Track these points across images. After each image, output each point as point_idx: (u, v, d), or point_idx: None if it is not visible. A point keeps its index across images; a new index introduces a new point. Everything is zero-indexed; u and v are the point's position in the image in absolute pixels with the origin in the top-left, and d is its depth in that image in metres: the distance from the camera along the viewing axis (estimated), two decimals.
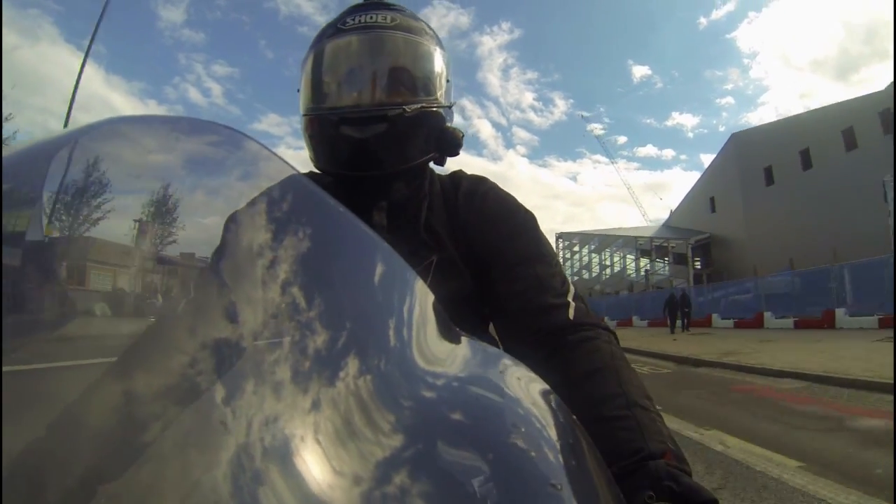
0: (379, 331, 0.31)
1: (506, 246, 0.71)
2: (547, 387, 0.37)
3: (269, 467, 0.20)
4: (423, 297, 0.37)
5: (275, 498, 0.19)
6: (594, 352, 0.61)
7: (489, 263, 0.71)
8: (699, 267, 32.11)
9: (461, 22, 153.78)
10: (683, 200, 37.16)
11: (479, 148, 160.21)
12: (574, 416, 0.37)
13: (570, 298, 0.67)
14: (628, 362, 0.61)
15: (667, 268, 34.38)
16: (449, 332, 0.38)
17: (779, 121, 26.78)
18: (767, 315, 15.38)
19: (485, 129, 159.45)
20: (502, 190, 0.79)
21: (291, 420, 0.23)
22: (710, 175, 32.74)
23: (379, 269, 0.35)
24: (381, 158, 0.68)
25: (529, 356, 0.51)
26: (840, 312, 12.77)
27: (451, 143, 0.75)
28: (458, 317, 0.44)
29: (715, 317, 18.39)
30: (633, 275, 37.07)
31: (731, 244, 29.03)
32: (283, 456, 0.21)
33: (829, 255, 14.92)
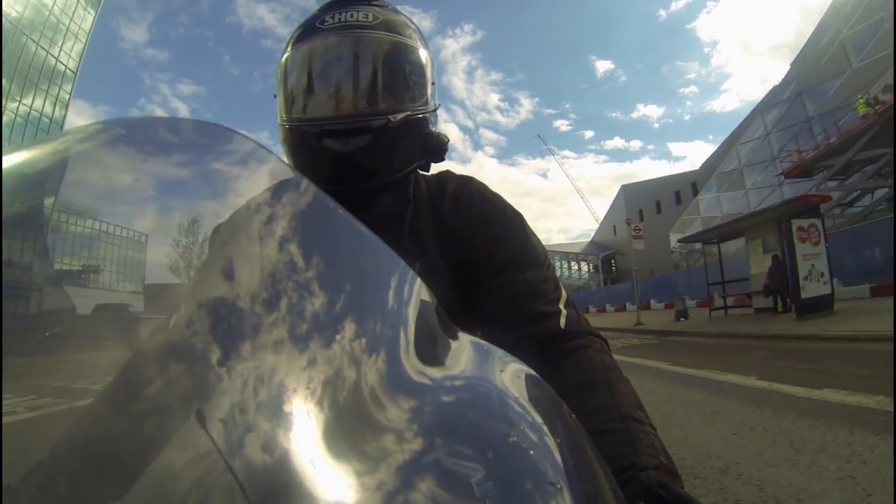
0: (379, 330, 0.31)
1: (494, 249, 0.68)
2: (547, 386, 0.38)
3: (266, 465, 0.20)
4: (423, 298, 0.37)
5: (271, 495, 0.19)
6: (586, 362, 0.59)
7: (478, 268, 0.68)
8: (614, 272, 46.85)
9: (423, 26, 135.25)
10: (601, 223, 52.26)
11: (447, 152, 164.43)
12: (574, 416, 0.38)
13: (561, 306, 0.65)
14: (622, 372, 0.60)
15: (586, 274, 49.42)
16: (449, 331, 0.38)
17: (648, 180, 42.59)
18: (653, 301, 25.83)
19: (452, 133, 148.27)
20: (490, 190, 0.76)
21: (288, 419, 0.22)
22: (612, 209, 48.11)
23: (379, 270, 0.36)
24: (366, 171, 0.66)
25: None
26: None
27: (436, 150, 0.73)
28: None
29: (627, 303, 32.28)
30: (568, 280, 51.78)
31: (625, 257, 44.07)
32: (280, 454, 0.21)
33: (670, 267, 29.07)
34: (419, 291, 0.37)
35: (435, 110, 0.75)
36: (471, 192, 0.74)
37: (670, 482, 0.45)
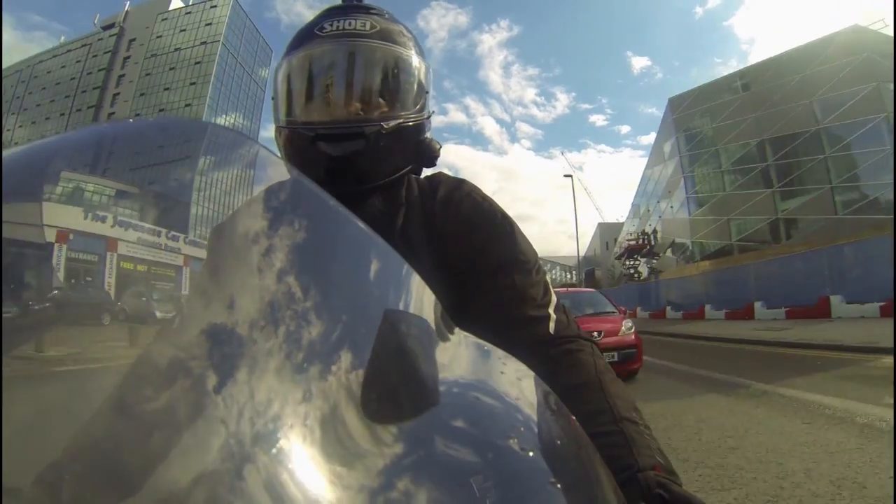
0: (379, 329, 0.31)
1: (483, 253, 0.69)
2: (547, 387, 0.38)
3: (265, 467, 0.20)
4: (423, 297, 0.37)
5: (272, 499, 0.19)
6: (578, 365, 0.60)
7: (467, 272, 0.68)
8: (595, 281, 66.56)
9: (460, 21, 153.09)
10: (589, 246, 71.99)
11: (484, 143, 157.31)
12: (573, 416, 0.37)
13: (551, 310, 0.65)
14: (614, 375, 0.60)
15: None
16: (449, 330, 0.38)
17: (614, 222, 61.16)
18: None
19: (489, 126, 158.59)
20: (480, 194, 0.76)
21: (288, 420, 0.22)
22: (595, 238, 67.57)
23: (379, 269, 0.35)
24: (358, 175, 0.67)
25: None
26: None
27: (427, 156, 0.75)
28: None
29: None
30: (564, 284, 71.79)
31: (601, 271, 63.37)
32: (280, 456, 0.21)
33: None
34: (420, 290, 0.37)
35: (429, 117, 0.76)
36: (461, 196, 0.74)
37: (669, 482, 0.45)
